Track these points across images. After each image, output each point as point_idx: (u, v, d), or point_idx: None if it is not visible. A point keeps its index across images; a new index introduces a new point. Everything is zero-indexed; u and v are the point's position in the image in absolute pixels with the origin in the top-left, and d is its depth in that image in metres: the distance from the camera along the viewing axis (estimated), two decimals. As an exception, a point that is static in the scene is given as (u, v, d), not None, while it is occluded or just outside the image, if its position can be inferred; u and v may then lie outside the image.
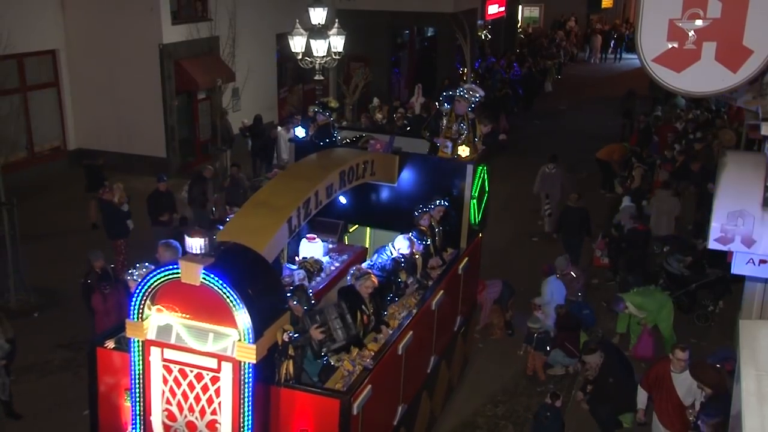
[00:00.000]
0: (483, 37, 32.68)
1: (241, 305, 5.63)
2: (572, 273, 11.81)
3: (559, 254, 12.31)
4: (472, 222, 9.67)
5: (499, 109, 24.36)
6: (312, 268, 8.36)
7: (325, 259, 9.13)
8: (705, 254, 11.44)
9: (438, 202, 9.21)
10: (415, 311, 8.08)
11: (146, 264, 6.83)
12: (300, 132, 10.23)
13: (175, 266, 5.76)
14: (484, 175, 9.84)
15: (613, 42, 40.23)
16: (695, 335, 11.40)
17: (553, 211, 15.64)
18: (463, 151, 9.36)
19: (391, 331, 7.60)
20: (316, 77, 16.06)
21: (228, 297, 5.64)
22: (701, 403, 7.71)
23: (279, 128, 18.77)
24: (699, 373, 7.66)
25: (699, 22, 5.28)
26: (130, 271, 6.93)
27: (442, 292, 8.73)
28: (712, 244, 5.98)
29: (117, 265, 12.06)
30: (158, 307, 5.95)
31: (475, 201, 9.56)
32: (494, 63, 29.56)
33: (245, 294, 5.66)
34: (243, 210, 7.16)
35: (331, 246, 9.46)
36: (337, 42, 15.79)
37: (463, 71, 27.26)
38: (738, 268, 6.17)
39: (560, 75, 33.96)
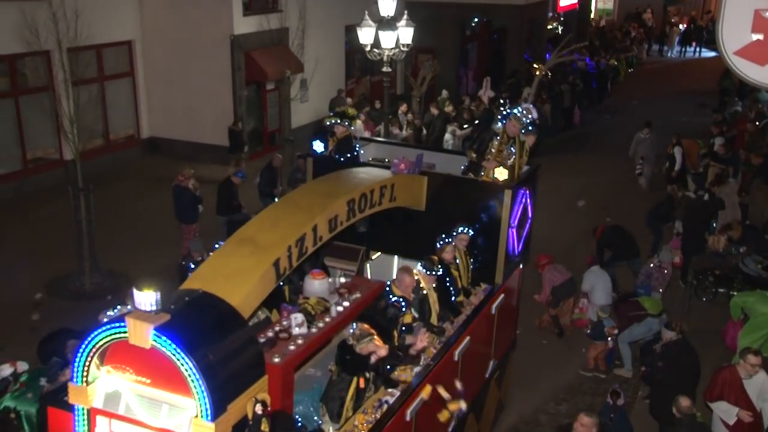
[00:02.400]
0: (554, 30, 32.17)
1: (197, 375, 4.54)
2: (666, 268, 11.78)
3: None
4: (511, 253, 8.38)
5: (573, 102, 24.04)
6: (314, 310, 6.72)
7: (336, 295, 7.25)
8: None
9: (460, 229, 7.88)
10: (430, 364, 6.74)
11: (120, 306, 6.00)
12: (318, 146, 8.80)
13: (122, 324, 4.73)
14: (526, 200, 8.52)
15: (693, 36, 38.52)
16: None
17: (644, 172, 17.82)
18: (501, 173, 8.07)
19: (398, 392, 6.31)
20: (384, 69, 16.06)
21: (182, 365, 4.56)
22: None
23: None
24: None
25: (789, 13, 5.04)
26: (107, 312, 5.99)
27: (468, 338, 7.40)
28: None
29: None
30: (108, 368, 4.90)
31: (514, 230, 8.28)
32: (569, 56, 29.10)
33: (204, 361, 4.59)
34: (223, 248, 5.90)
35: (341, 280, 7.60)
36: (406, 34, 15.70)
37: (533, 65, 26.95)
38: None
39: (632, 69, 33.14)
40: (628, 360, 10.26)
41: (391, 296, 6.77)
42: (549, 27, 30.94)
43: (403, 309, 6.70)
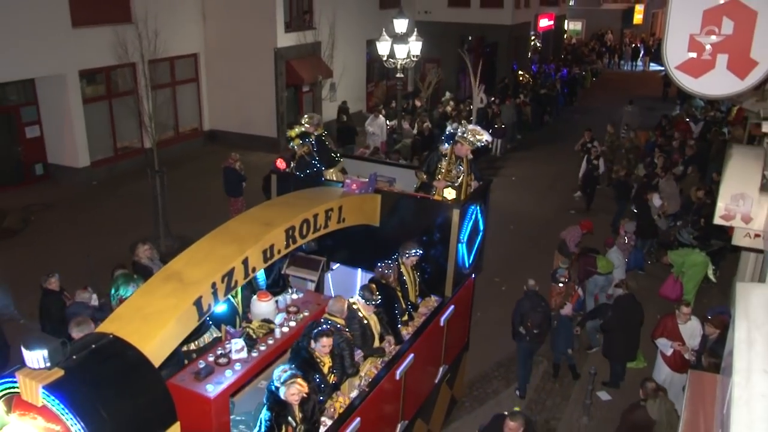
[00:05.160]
0: (535, 46, 31.99)
1: None
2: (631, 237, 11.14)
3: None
4: (461, 266, 7.29)
5: (545, 105, 24.01)
6: (256, 333, 5.51)
7: (280, 316, 5.95)
8: (709, 228, 11.18)
9: (413, 251, 6.75)
10: (365, 390, 5.68)
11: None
12: (281, 163, 7.74)
13: (14, 379, 3.76)
14: (476, 215, 7.38)
15: (642, 53, 39.13)
16: (699, 294, 11.07)
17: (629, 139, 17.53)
18: (449, 193, 7.05)
19: (330, 421, 5.26)
20: (398, 75, 16.13)
21: (72, 425, 3.56)
22: (708, 345, 7.75)
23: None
24: (712, 320, 7.81)
25: (714, 38, 5.13)
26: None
27: (411, 356, 6.30)
28: (717, 220, 5.93)
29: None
30: (16, 414, 3.86)
31: (463, 245, 7.17)
32: (544, 67, 29.03)
33: (95, 420, 3.58)
34: (149, 284, 4.79)
35: (292, 297, 6.34)
36: (415, 47, 15.78)
37: (519, 73, 26.85)
38: (737, 240, 6.15)
39: (595, 78, 33.12)
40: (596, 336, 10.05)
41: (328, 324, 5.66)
42: (531, 43, 30.78)
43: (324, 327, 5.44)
